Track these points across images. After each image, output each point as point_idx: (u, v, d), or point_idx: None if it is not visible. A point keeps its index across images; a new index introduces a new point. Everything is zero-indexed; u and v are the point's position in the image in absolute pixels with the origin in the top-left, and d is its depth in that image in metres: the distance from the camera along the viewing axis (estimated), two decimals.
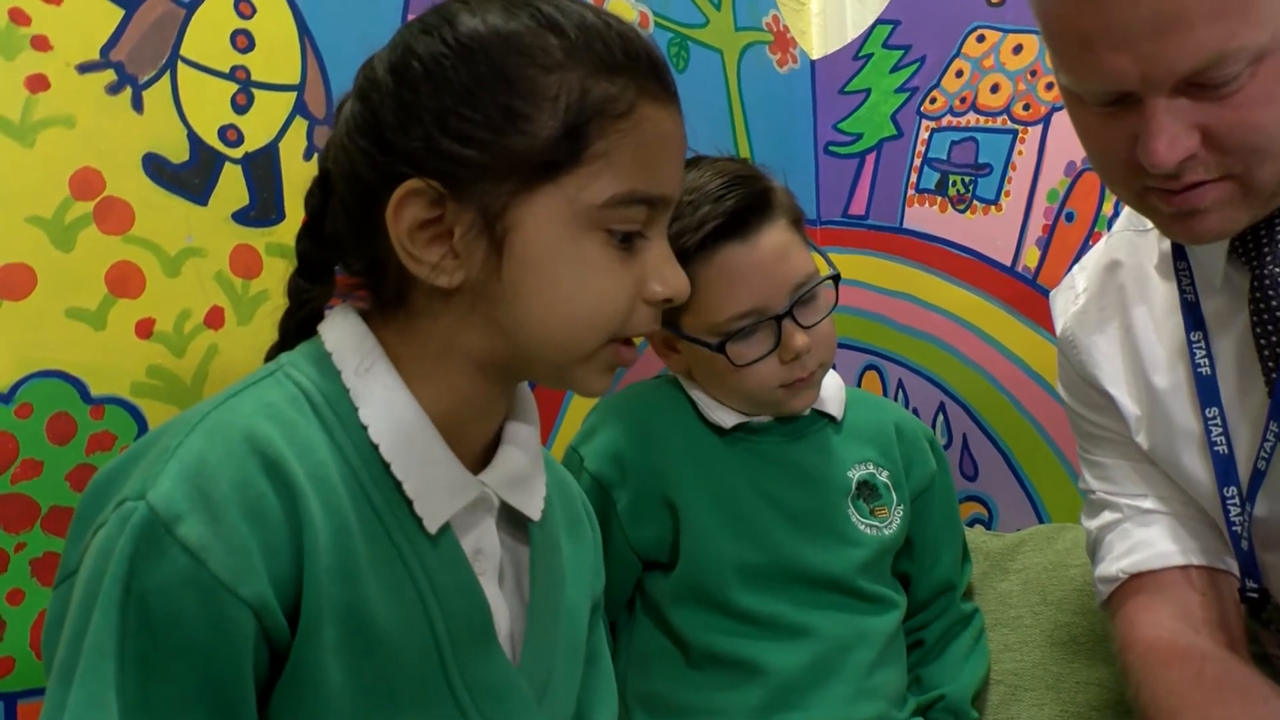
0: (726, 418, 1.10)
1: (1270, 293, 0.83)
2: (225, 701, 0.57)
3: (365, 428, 0.64)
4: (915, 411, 1.48)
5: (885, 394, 1.54)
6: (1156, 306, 0.95)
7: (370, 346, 0.66)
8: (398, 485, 0.64)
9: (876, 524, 1.11)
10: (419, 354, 0.67)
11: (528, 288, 0.63)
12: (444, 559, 0.65)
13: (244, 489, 0.57)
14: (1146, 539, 0.95)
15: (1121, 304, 0.98)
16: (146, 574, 0.55)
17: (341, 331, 0.67)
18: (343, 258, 0.70)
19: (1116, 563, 0.96)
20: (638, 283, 0.66)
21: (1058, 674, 1.14)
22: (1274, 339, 0.83)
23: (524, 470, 0.71)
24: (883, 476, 1.14)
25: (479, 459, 0.70)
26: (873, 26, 1.57)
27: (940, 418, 1.51)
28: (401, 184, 0.62)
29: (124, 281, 0.90)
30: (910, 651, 1.16)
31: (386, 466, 0.64)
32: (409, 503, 0.64)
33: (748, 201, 1.03)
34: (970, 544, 1.26)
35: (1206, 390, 0.88)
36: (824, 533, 1.09)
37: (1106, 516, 0.99)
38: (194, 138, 0.95)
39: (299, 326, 0.69)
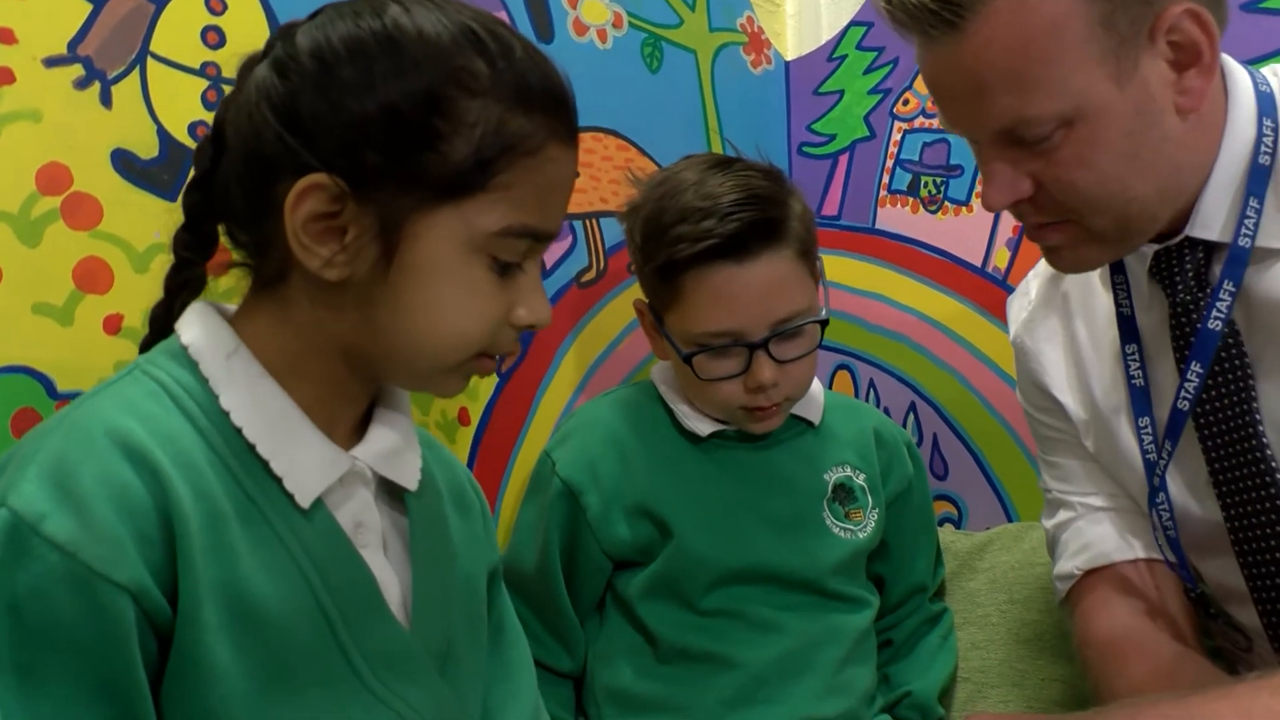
0: (702, 426, 1.10)
1: (1182, 319, 0.86)
2: (117, 695, 0.57)
3: (227, 414, 0.64)
4: (886, 411, 1.48)
5: (856, 393, 1.55)
6: (1098, 316, 0.97)
7: (228, 337, 0.66)
8: (265, 465, 0.64)
9: (851, 527, 1.12)
10: (284, 335, 0.67)
11: (410, 298, 0.65)
12: (320, 533, 0.66)
13: (109, 481, 0.58)
14: (1098, 536, 0.97)
15: (1065, 313, 1.00)
16: (15, 578, 0.55)
17: (198, 327, 0.67)
18: (230, 221, 0.70)
19: (1071, 560, 0.98)
20: (508, 308, 0.68)
21: (1022, 671, 1.15)
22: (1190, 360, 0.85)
23: (395, 445, 0.73)
24: (859, 479, 1.14)
25: (350, 437, 0.71)
26: (847, 28, 1.58)
27: (911, 417, 1.52)
28: (306, 175, 0.63)
29: (92, 277, 0.90)
30: (880, 651, 1.17)
31: (252, 448, 0.64)
32: (279, 481, 0.65)
33: (752, 228, 1.02)
34: (940, 543, 1.27)
35: (1139, 401, 0.91)
36: (799, 535, 1.10)
37: (1062, 515, 1.01)
38: (164, 134, 0.95)
39: (168, 315, 0.70)
